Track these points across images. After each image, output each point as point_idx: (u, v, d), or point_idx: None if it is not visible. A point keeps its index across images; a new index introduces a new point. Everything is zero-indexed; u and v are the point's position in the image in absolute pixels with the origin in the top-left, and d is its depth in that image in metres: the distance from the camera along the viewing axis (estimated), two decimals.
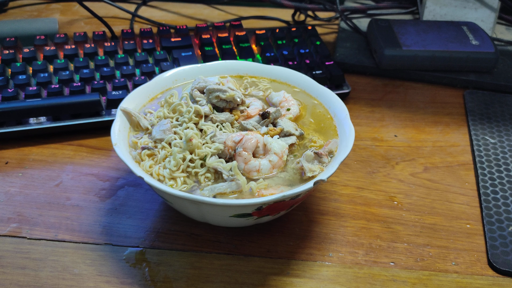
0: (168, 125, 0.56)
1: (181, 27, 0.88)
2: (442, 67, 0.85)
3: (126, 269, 0.53)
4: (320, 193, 0.63)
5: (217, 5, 1.09)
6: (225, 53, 0.82)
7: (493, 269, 0.55)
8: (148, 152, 0.54)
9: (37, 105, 0.67)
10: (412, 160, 0.69)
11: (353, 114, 0.76)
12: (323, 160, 0.53)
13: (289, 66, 0.78)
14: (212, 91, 0.58)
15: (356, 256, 0.55)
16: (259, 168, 0.53)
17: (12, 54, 0.79)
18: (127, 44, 0.82)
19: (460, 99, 0.82)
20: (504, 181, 0.65)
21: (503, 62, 0.89)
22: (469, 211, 0.62)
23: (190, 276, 0.52)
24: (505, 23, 1.03)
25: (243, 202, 0.47)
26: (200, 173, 0.52)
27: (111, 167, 0.65)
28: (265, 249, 0.56)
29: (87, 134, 0.70)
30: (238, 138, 0.54)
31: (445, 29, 0.89)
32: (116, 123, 0.55)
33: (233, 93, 0.58)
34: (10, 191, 0.61)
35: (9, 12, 1.02)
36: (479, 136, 0.73)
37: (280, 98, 0.62)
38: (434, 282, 0.53)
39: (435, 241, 0.58)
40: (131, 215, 0.59)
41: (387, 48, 0.84)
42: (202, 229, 0.57)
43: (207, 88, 0.59)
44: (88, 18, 1.01)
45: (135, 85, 0.73)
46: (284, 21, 1.02)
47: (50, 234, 0.56)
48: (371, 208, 0.61)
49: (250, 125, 0.57)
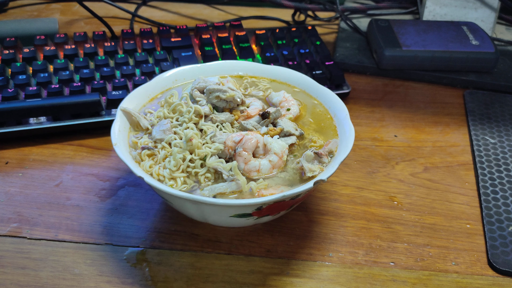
0: (168, 125, 0.56)
1: (181, 27, 0.88)
2: (442, 67, 0.85)
3: (127, 269, 0.53)
4: (320, 193, 0.63)
5: (217, 5, 1.09)
6: (225, 53, 0.82)
7: (493, 269, 0.55)
8: (148, 152, 0.54)
9: (37, 105, 0.67)
10: (412, 160, 0.69)
11: (353, 114, 0.76)
12: (323, 160, 0.53)
13: (289, 66, 0.78)
14: (212, 91, 0.58)
15: (356, 256, 0.55)
16: (259, 168, 0.53)
17: (12, 54, 0.79)
18: (127, 44, 0.82)
19: (460, 99, 0.82)
20: (504, 181, 0.65)
21: (503, 62, 0.89)
22: (469, 211, 0.62)
23: (190, 276, 0.52)
24: (505, 23, 1.03)
25: (243, 202, 0.47)
26: (200, 173, 0.52)
27: (111, 167, 0.65)
28: (265, 249, 0.56)
29: (87, 134, 0.70)
30: (238, 138, 0.54)
31: (445, 29, 0.89)
32: (116, 123, 0.55)
33: (233, 93, 0.58)
34: (10, 191, 0.61)
35: (9, 12, 1.02)
36: (479, 136, 0.73)
37: (280, 98, 0.62)
38: (434, 282, 0.53)
39: (435, 241, 0.58)
40: (131, 215, 0.59)
41: (387, 48, 0.84)
42: (202, 229, 0.57)
43: (207, 88, 0.59)
44: (88, 18, 1.01)
45: (135, 85, 0.73)
46: (284, 21, 1.02)
47: (50, 234, 0.56)
48: (371, 208, 0.61)
49: (250, 125, 0.57)
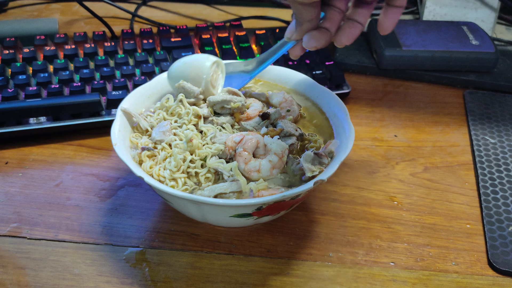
0: (168, 126, 0.56)
1: (181, 27, 0.88)
2: (442, 67, 0.85)
3: (126, 269, 0.53)
4: (320, 193, 0.63)
5: (217, 5, 1.09)
6: (225, 53, 0.82)
7: (493, 269, 0.55)
8: (148, 153, 0.54)
9: (37, 105, 0.67)
10: (412, 160, 0.69)
11: (353, 114, 0.76)
12: (323, 161, 0.53)
13: (289, 66, 0.78)
14: (216, 103, 0.58)
15: (356, 256, 0.55)
16: (259, 168, 0.53)
17: (12, 54, 0.79)
18: (127, 44, 0.82)
19: (460, 99, 0.82)
20: (504, 181, 0.65)
21: (503, 62, 0.89)
22: (469, 211, 0.62)
23: (190, 276, 0.52)
24: (505, 23, 1.03)
25: (243, 202, 0.47)
26: (201, 174, 0.52)
27: (111, 167, 0.65)
28: (265, 249, 0.56)
29: (87, 134, 0.70)
30: (238, 138, 0.54)
31: (445, 29, 0.89)
32: (116, 123, 0.55)
33: (238, 103, 0.58)
34: (10, 191, 0.61)
35: (9, 12, 1.02)
36: (479, 136, 0.73)
37: (280, 99, 0.62)
38: (434, 282, 0.53)
39: (435, 241, 0.58)
40: (131, 215, 0.59)
41: (387, 48, 0.84)
42: (202, 229, 0.57)
43: (210, 100, 0.58)
44: (88, 18, 1.01)
45: (135, 85, 0.73)
46: (284, 21, 1.02)
47: (50, 234, 0.56)
48: (371, 208, 0.61)
49: (250, 126, 0.57)
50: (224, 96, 0.58)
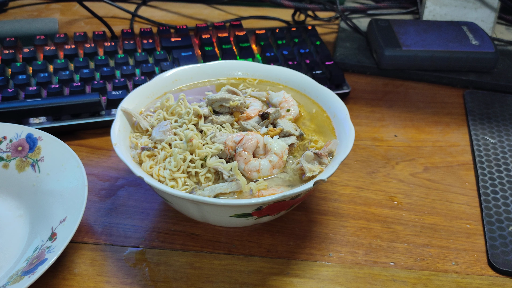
0: (168, 126, 0.56)
1: (181, 27, 0.88)
2: (442, 67, 0.85)
3: (126, 269, 0.53)
4: (320, 193, 0.63)
5: (217, 5, 1.09)
6: (225, 53, 0.82)
7: (493, 269, 0.55)
8: (148, 153, 0.54)
9: (37, 105, 0.67)
10: (412, 160, 0.69)
11: (353, 114, 0.76)
12: (323, 161, 0.53)
13: (289, 66, 0.78)
14: (215, 101, 0.58)
15: (356, 256, 0.55)
16: (259, 168, 0.53)
17: (12, 54, 0.79)
18: (127, 44, 0.82)
19: (460, 99, 0.82)
20: (504, 181, 0.65)
21: (503, 62, 0.89)
22: (469, 211, 0.62)
23: (190, 276, 0.52)
24: (505, 23, 1.03)
25: (243, 202, 0.47)
26: (201, 174, 0.52)
27: (111, 167, 0.65)
28: (265, 249, 0.56)
29: (87, 134, 0.70)
30: (238, 138, 0.54)
31: (445, 29, 0.89)
32: (116, 123, 0.55)
33: (237, 102, 0.58)
34: None
35: (9, 12, 1.02)
36: (479, 136, 0.73)
37: (280, 98, 0.62)
38: (434, 282, 0.53)
39: (435, 241, 0.58)
40: (131, 215, 0.59)
41: (387, 48, 0.84)
42: (202, 229, 0.57)
43: (208, 98, 0.59)
44: (88, 18, 1.01)
45: (135, 85, 0.73)
46: (284, 21, 1.02)
47: None
48: (371, 208, 0.61)
49: (250, 126, 0.57)
50: (223, 94, 0.58)
